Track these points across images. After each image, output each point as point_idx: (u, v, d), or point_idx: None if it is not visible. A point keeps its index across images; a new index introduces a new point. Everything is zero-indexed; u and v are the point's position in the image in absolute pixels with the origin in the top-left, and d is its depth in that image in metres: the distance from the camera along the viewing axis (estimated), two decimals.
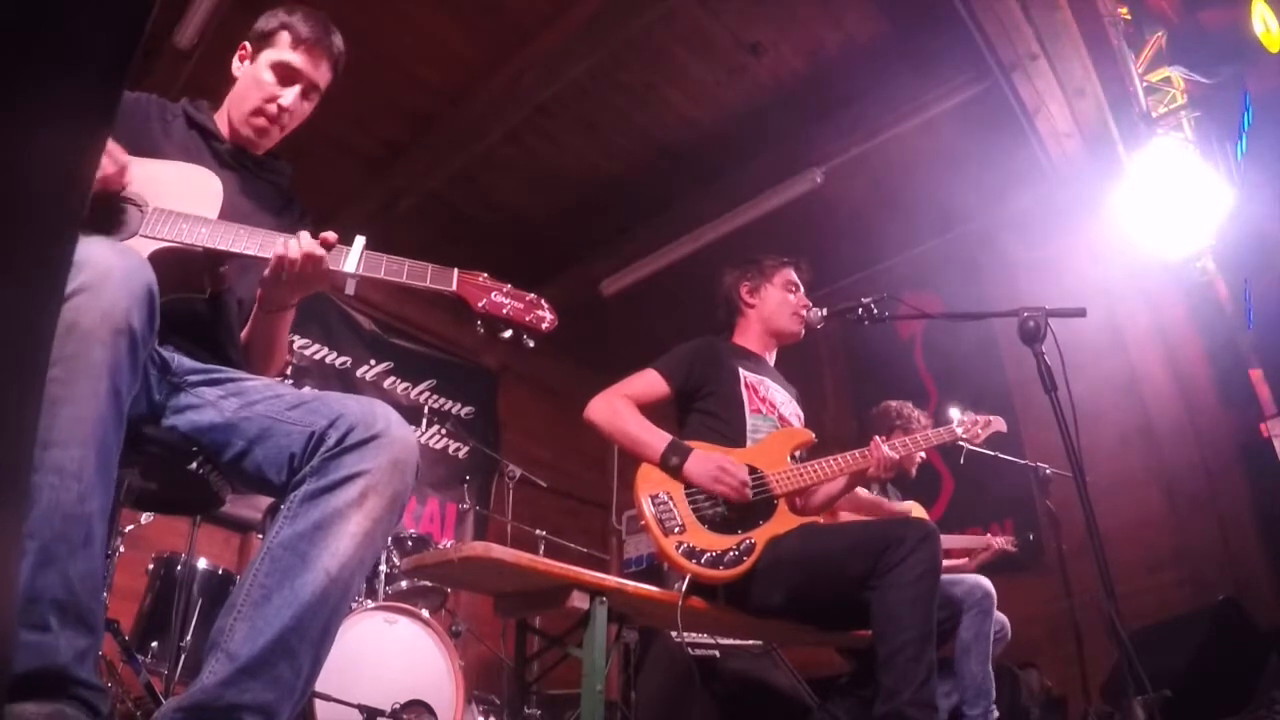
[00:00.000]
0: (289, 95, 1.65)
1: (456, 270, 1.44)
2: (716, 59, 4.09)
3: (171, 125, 1.63)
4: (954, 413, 2.76)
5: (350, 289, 1.42)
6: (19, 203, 0.36)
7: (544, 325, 1.45)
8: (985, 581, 2.81)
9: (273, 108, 1.65)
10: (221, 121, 1.71)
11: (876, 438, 2.46)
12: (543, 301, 1.47)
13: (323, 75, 1.70)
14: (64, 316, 0.98)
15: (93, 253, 1.04)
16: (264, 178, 1.72)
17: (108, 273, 1.03)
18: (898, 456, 2.44)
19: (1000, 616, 2.86)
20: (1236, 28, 3.19)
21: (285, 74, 1.66)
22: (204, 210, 1.42)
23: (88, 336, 1.00)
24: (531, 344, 1.47)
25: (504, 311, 1.43)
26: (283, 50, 1.66)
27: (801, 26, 3.94)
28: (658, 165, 4.72)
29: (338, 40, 1.72)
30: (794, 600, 2.23)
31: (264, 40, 1.68)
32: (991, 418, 2.74)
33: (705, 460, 2.30)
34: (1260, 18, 3.19)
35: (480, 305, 1.42)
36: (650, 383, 2.54)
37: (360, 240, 1.43)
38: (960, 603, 2.70)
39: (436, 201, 4.91)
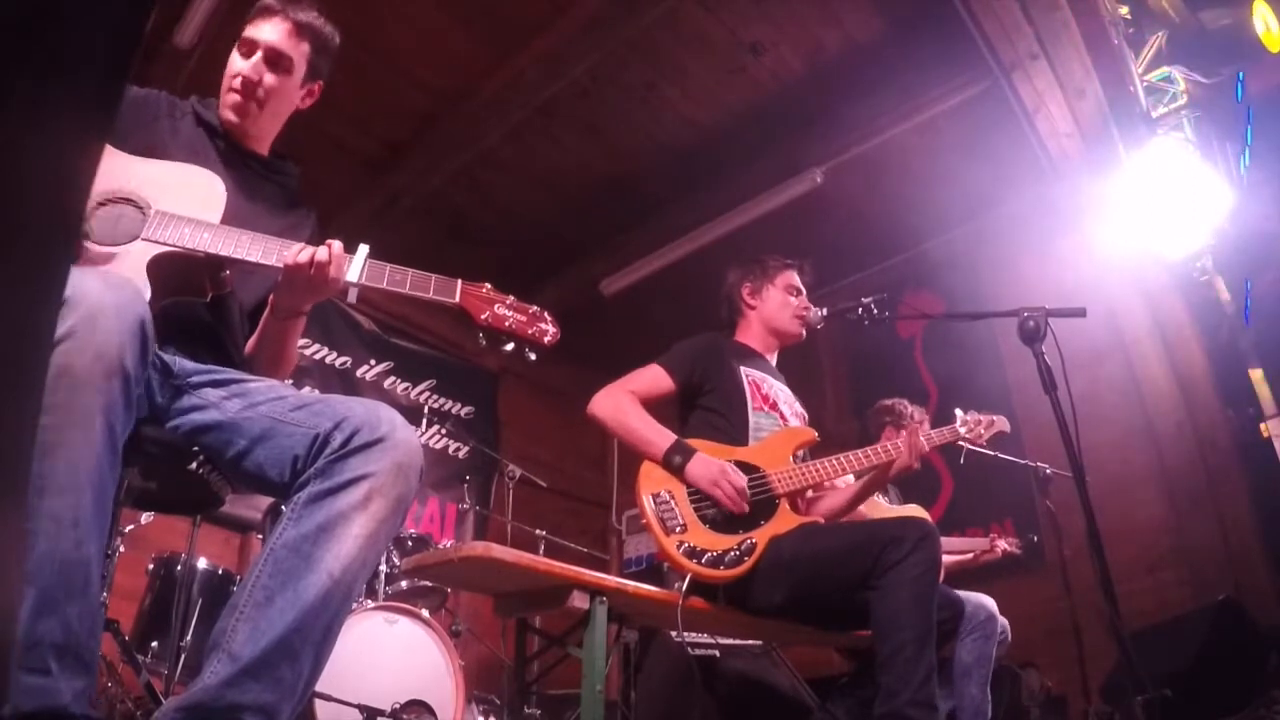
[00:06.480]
0: (248, 64, 1.65)
1: (460, 281, 1.43)
2: (716, 59, 4.09)
3: (180, 123, 1.64)
4: (958, 412, 2.73)
5: (352, 297, 1.41)
6: (16, 206, 0.36)
7: (546, 339, 1.45)
8: (989, 603, 2.75)
9: (237, 81, 1.65)
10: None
11: (890, 441, 2.45)
12: (545, 314, 1.47)
13: (285, 41, 1.67)
14: (55, 361, 0.96)
15: (84, 289, 1.02)
16: (271, 179, 1.71)
17: (99, 312, 1.02)
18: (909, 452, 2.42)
19: (1000, 619, 2.85)
20: (1237, 27, 3.20)
21: (245, 48, 1.67)
22: (207, 214, 1.41)
23: (80, 381, 0.99)
24: (533, 357, 1.47)
25: (506, 324, 1.43)
26: (245, 30, 1.69)
27: (801, 26, 3.94)
28: (658, 165, 4.71)
29: (304, 12, 1.70)
30: (794, 600, 2.22)
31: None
32: (995, 417, 2.72)
33: (708, 464, 2.30)
34: (1261, 18, 3.20)
35: (483, 318, 1.42)
36: (655, 378, 2.53)
37: (363, 249, 1.43)
38: (962, 611, 2.68)
39: (436, 201, 4.90)
